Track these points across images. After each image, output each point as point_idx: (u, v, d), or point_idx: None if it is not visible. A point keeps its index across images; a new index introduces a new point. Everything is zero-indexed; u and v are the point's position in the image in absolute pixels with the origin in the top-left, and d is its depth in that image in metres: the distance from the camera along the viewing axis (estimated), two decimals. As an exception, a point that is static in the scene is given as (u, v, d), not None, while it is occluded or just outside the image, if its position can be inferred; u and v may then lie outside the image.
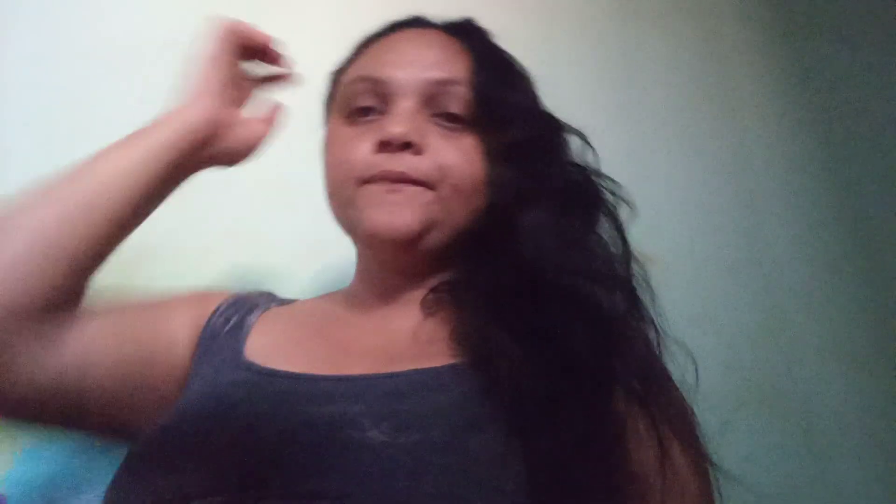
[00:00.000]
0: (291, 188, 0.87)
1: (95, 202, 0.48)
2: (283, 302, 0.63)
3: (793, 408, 0.92)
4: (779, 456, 0.89)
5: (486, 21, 0.66)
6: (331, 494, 0.38)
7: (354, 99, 0.57)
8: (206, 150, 0.54)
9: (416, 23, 0.63)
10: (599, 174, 0.57)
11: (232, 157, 0.57)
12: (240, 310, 0.58)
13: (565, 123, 0.59)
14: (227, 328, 0.56)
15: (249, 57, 0.58)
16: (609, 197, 0.56)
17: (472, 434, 0.41)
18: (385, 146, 0.52)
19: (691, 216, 1.03)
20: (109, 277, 0.79)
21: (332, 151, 0.58)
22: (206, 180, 0.86)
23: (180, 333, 0.55)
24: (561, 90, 1.06)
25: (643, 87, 1.11)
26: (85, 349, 0.48)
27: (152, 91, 0.87)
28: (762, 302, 0.99)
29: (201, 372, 0.53)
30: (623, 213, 0.56)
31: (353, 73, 0.59)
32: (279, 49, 0.57)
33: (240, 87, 0.57)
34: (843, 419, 0.93)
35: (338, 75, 0.63)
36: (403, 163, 0.52)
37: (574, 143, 0.60)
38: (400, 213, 0.52)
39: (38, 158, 0.81)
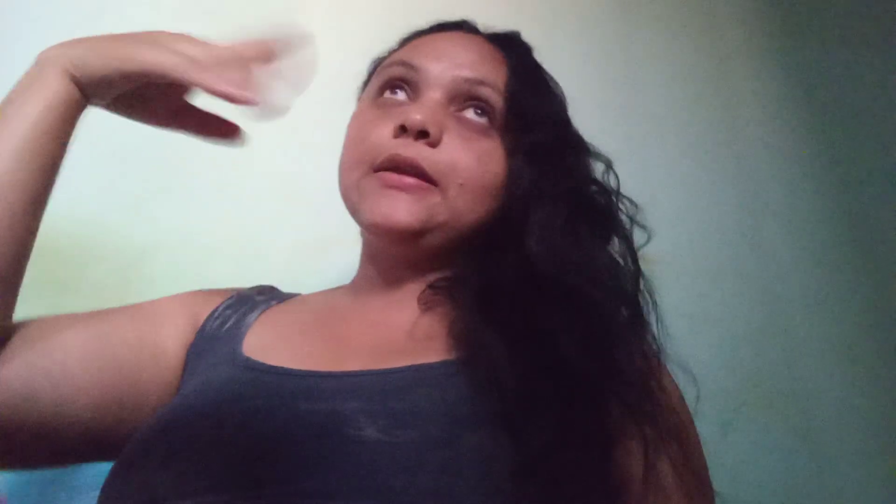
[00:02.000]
0: (293, 187, 0.87)
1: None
2: (285, 298, 0.63)
3: (793, 408, 0.92)
4: (779, 456, 0.89)
5: (486, 21, 0.66)
6: (326, 492, 0.38)
7: (386, 82, 0.58)
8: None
9: (463, 26, 0.64)
10: (619, 195, 0.59)
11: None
12: (238, 309, 0.58)
13: (592, 147, 0.61)
14: (224, 328, 0.56)
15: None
16: (625, 219, 0.58)
17: (466, 431, 0.41)
18: (402, 131, 0.53)
19: (691, 216, 1.03)
20: (110, 277, 0.80)
21: (352, 130, 0.59)
22: (207, 180, 0.87)
23: (169, 342, 0.54)
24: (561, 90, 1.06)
25: (643, 87, 1.11)
26: (58, 370, 0.46)
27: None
28: (762, 302, 0.99)
29: (198, 371, 0.53)
30: (637, 235, 0.58)
31: (392, 58, 0.61)
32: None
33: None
34: (843, 419, 0.93)
35: (377, 64, 0.64)
36: (415, 150, 0.52)
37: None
38: (401, 207, 0.52)
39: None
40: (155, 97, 0.50)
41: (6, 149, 0.44)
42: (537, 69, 0.64)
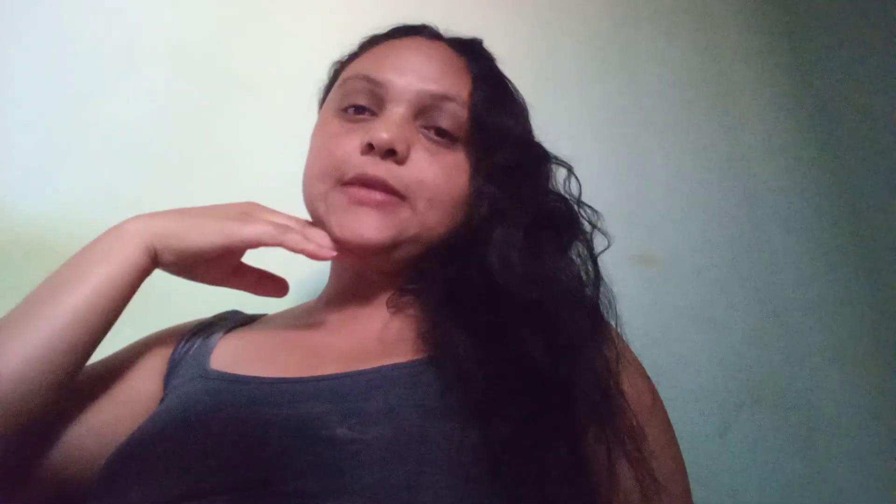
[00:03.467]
0: (293, 187, 0.87)
1: (59, 343, 0.45)
2: (251, 318, 0.64)
3: (793, 408, 0.92)
4: (779, 456, 0.89)
5: (487, 22, 0.66)
6: (304, 493, 0.38)
7: (350, 95, 0.58)
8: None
9: (425, 31, 0.64)
10: (580, 203, 0.59)
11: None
12: (204, 333, 0.59)
13: (553, 155, 0.62)
14: (191, 351, 0.57)
15: None
16: (586, 225, 0.58)
17: (434, 425, 0.42)
18: (370, 149, 0.54)
19: (691, 216, 1.03)
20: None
21: (318, 141, 0.59)
22: (207, 180, 0.87)
23: (142, 386, 0.54)
24: (562, 91, 1.07)
25: (643, 88, 1.11)
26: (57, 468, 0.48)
27: (151, 91, 0.88)
28: (762, 302, 0.99)
29: (170, 390, 0.53)
30: (599, 241, 0.58)
31: (354, 69, 0.60)
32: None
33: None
34: (843, 419, 0.93)
35: (340, 67, 0.65)
36: (384, 169, 0.53)
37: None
38: (369, 224, 0.53)
39: (38, 158, 0.81)
40: (218, 260, 0.54)
41: (68, 304, 0.46)
42: (500, 81, 0.64)
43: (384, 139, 0.53)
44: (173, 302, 0.65)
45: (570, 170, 0.60)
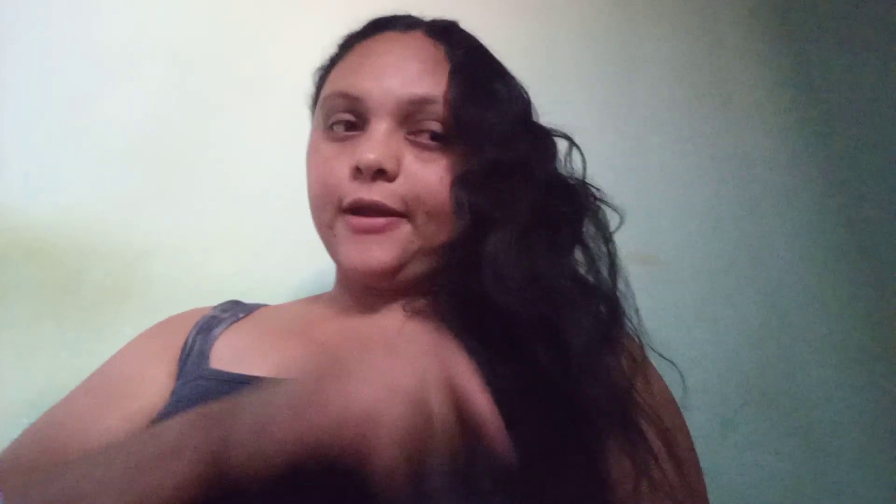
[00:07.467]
0: (290, 189, 0.87)
1: None
2: (252, 309, 0.62)
3: (793, 408, 0.92)
4: (779, 456, 0.89)
5: (487, 21, 0.65)
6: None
7: (332, 114, 0.56)
8: None
9: (398, 23, 0.60)
10: (583, 183, 0.55)
11: None
12: (205, 330, 0.58)
13: (549, 129, 0.57)
14: (194, 351, 0.56)
15: None
16: (593, 205, 0.54)
17: None
18: (359, 172, 0.52)
19: (691, 216, 1.03)
20: (110, 277, 0.80)
21: (313, 167, 0.57)
22: (207, 180, 0.87)
23: (154, 392, 0.52)
24: (561, 90, 1.06)
25: (643, 87, 1.11)
26: None
27: (150, 92, 0.88)
28: (762, 302, 0.99)
29: (173, 392, 0.53)
30: (613, 218, 0.54)
31: (332, 82, 0.58)
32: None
33: None
34: (843, 419, 0.93)
35: (323, 74, 0.62)
36: (377, 192, 0.52)
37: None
38: (375, 252, 0.52)
39: (38, 158, 0.81)
40: None
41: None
42: (478, 68, 0.57)
43: (370, 161, 0.51)
44: (173, 301, 0.65)
45: (570, 141, 0.56)
